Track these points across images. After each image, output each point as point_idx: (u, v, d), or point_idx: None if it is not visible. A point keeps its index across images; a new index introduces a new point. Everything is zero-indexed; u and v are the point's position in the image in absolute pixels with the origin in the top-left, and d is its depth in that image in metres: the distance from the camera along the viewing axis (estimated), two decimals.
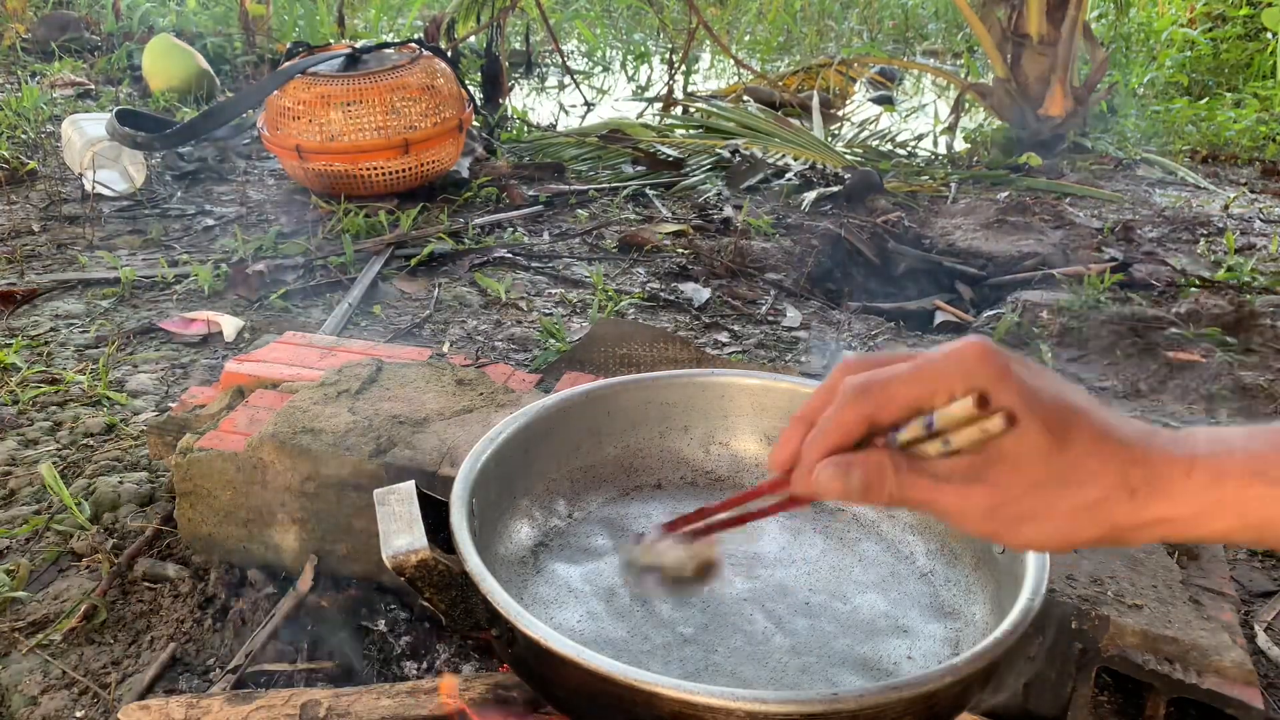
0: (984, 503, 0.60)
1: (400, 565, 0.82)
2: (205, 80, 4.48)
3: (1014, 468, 0.59)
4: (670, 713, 0.73)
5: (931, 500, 0.62)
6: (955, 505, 0.61)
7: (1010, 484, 0.59)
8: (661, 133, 4.17)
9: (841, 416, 0.63)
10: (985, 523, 0.61)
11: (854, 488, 0.63)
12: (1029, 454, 0.59)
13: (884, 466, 0.62)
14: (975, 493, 0.60)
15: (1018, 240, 3.08)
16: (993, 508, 0.60)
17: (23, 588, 1.44)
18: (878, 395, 0.62)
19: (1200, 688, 1.05)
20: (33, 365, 2.13)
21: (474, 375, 1.52)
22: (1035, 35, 4.19)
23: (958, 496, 0.61)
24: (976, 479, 0.60)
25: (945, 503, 0.61)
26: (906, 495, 0.62)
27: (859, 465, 0.63)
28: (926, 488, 0.62)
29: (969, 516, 0.61)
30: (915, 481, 0.62)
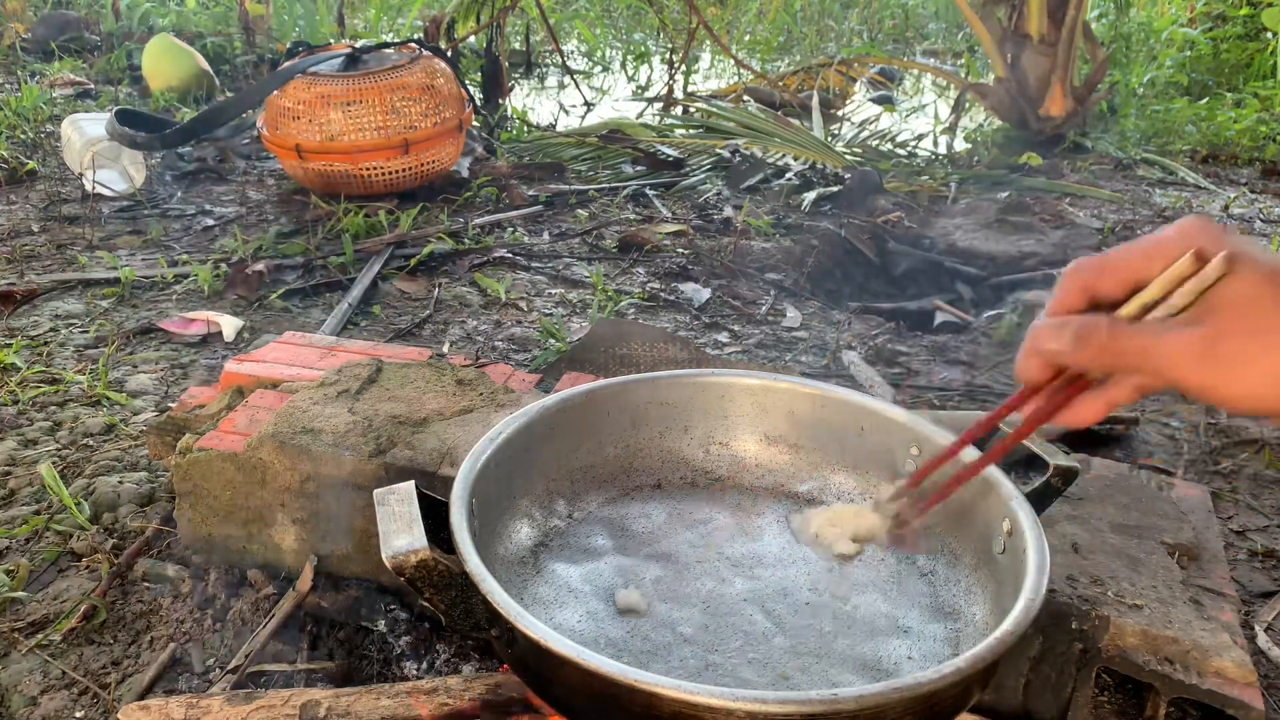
0: (1200, 345, 0.58)
1: (400, 565, 0.82)
2: (205, 80, 4.48)
3: (1233, 311, 0.57)
4: (670, 713, 0.73)
5: (1145, 348, 0.60)
6: (1170, 349, 0.59)
7: (1229, 326, 0.57)
8: (661, 133, 4.17)
9: (1061, 288, 0.65)
10: (1200, 367, 0.58)
11: (1066, 338, 0.63)
12: (1248, 297, 0.57)
13: (1099, 320, 0.62)
14: (1191, 335, 0.58)
15: (1018, 240, 3.08)
16: (1209, 349, 0.58)
17: (23, 588, 1.44)
18: (1095, 265, 0.64)
19: (1200, 688, 1.05)
20: (33, 365, 2.13)
21: (474, 375, 1.52)
22: (1035, 35, 4.19)
23: (1173, 341, 0.59)
24: (1194, 324, 0.59)
25: (1159, 349, 0.59)
26: (1120, 345, 0.61)
27: (1073, 320, 0.63)
28: (1141, 336, 0.60)
29: (1184, 362, 0.58)
30: (1130, 332, 0.61)
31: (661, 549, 1.06)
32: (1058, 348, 0.64)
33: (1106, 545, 1.20)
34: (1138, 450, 1.92)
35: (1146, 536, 1.23)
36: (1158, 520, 1.27)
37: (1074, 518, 1.25)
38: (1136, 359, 0.61)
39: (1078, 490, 1.30)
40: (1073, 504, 1.28)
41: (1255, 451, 1.95)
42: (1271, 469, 1.89)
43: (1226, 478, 1.86)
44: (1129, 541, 1.22)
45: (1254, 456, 1.93)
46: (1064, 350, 0.63)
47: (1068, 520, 1.25)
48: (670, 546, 1.06)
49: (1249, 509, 1.77)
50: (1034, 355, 0.66)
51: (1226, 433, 2.00)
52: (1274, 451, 1.93)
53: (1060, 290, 0.65)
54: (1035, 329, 0.66)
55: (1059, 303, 0.65)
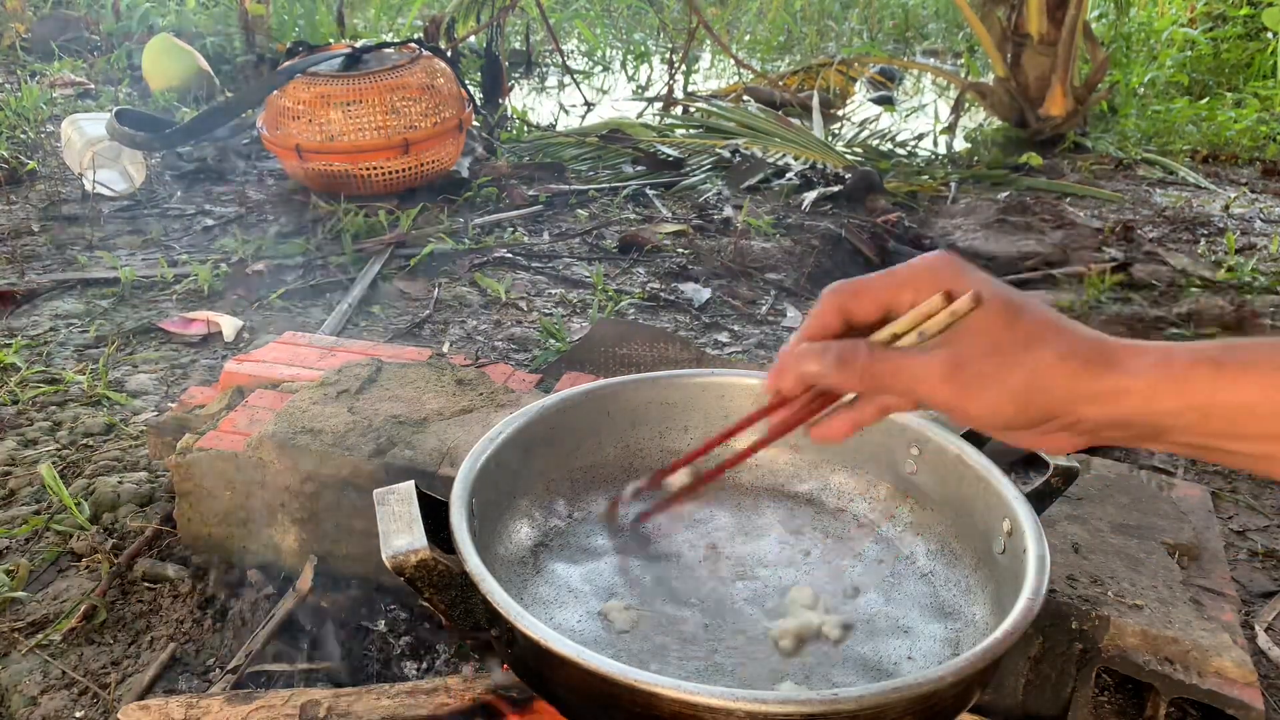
0: (944, 366, 0.64)
1: (400, 565, 0.82)
2: (205, 80, 4.48)
3: (974, 335, 0.64)
4: (670, 713, 0.73)
5: (898, 369, 0.66)
6: (920, 371, 0.65)
7: (970, 348, 0.63)
8: (661, 133, 4.17)
9: (817, 310, 0.70)
10: (945, 385, 0.64)
11: (828, 361, 0.68)
12: (989, 323, 0.63)
13: (858, 346, 0.68)
14: (939, 357, 0.64)
15: (1018, 240, 3.08)
16: (952, 369, 0.63)
17: (22, 588, 1.44)
18: (849, 290, 0.69)
19: (1200, 688, 1.05)
20: (32, 365, 2.13)
21: (474, 375, 1.52)
22: (1035, 35, 4.19)
23: (923, 364, 0.65)
24: (940, 347, 0.65)
25: (911, 370, 0.65)
26: (876, 368, 0.66)
27: (833, 344, 0.69)
28: (896, 359, 0.66)
29: (930, 380, 0.64)
30: (886, 356, 0.67)
31: (661, 549, 1.06)
32: (819, 370, 0.68)
33: (1106, 545, 1.20)
34: (1138, 450, 1.92)
35: (1146, 536, 1.23)
36: (1158, 520, 1.27)
37: (1074, 518, 1.25)
38: (891, 380, 0.66)
39: (1078, 490, 1.30)
40: (1073, 504, 1.28)
41: None
42: None
43: (1226, 478, 1.86)
44: (1129, 541, 1.22)
45: None
46: (825, 372, 0.68)
47: (1068, 520, 1.25)
48: (670, 546, 1.06)
49: (1249, 509, 1.77)
50: (791, 373, 0.71)
51: None
52: None
53: (818, 311, 0.70)
54: (794, 350, 0.70)
55: (817, 323, 0.70)
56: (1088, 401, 0.62)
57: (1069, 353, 0.62)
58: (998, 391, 0.63)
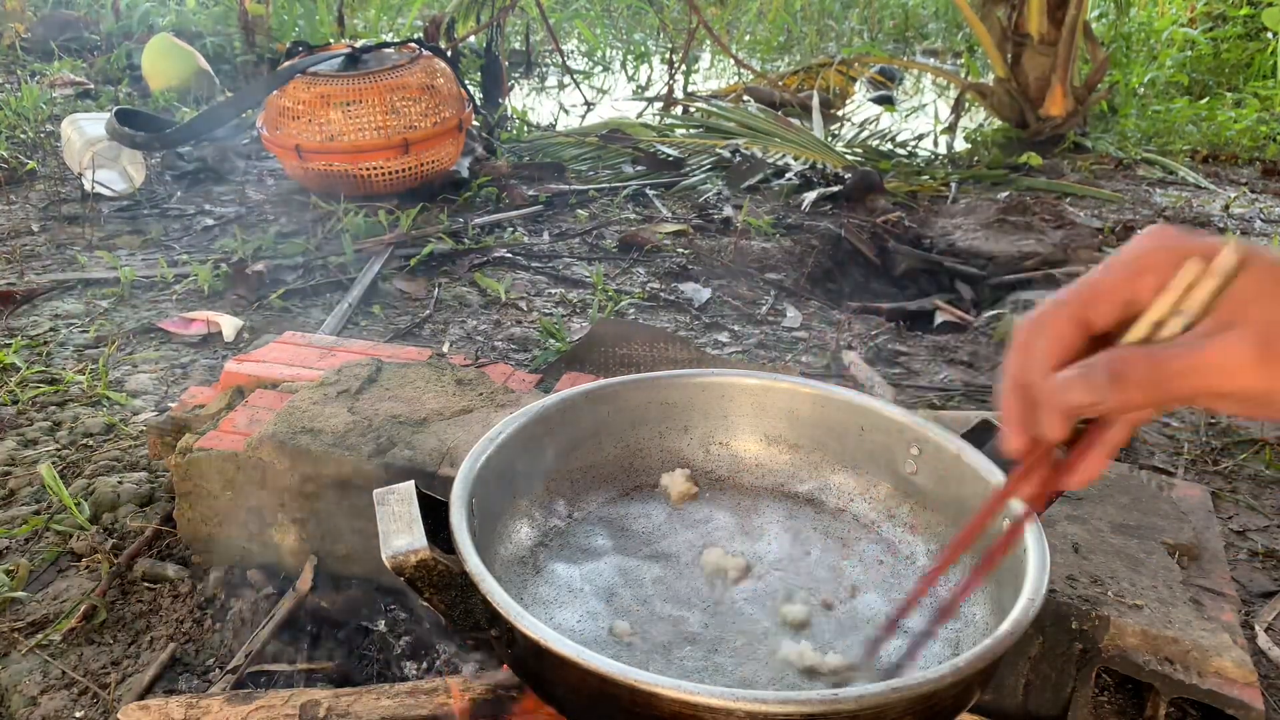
0: (1250, 346, 0.52)
1: (400, 565, 0.82)
2: (205, 80, 4.48)
3: (1262, 300, 0.52)
4: (670, 713, 0.73)
5: (1193, 366, 0.53)
6: (1221, 360, 0.52)
7: (1269, 315, 0.52)
8: (661, 133, 4.17)
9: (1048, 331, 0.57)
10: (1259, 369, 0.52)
11: (1100, 382, 0.55)
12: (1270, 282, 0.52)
13: (1127, 355, 0.55)
14: (1236, 338, 0.52)
15: (1018, 240, 3.08)
16: (1262, 347, 0.52)
17: (22, 588, 1.44)
18: (1082, 295, 0.57)
19: (1200, 688, 1.05)
20: (32, 365, 2.13)
21: (474, 375, 1.52)
22: (1035, 35, 4.19)
23: (1220, 350, 0.52)
24: (1230, 325, 0.53)
25: (1209, 362, 0.52)
26: (1164, 371, 0.53)
27: (1098, 361, 0.56)
28: (1184, 354, 0.53)
29: (1241, 369, 0.52)
30: (1172, 355, 0.54)
31: (661, 549, 1.06)
32: (1092, 398, 0.56)
33: (1106, 545, 1.20)
34: (1138, 450, 1.92)
35: (1146, 536, 1.23)
36: (1158, 520, 1.27)
37: (1074, 518, 1.25)
38: (1185, 382, 0.54)
39: (1077, 490, 1.30)
40: (1073, 504, 1.28)
41: (1255, 451, 1.95)
42: (1271, 469, 1.89)
43: (1226, 478, 1.86)
44: (1129, 541, 1.22)
45: (1254, 456, 1.93)
46: (1101, 398, 0.55)
47: (1068, 520, 1.25)
48: (670, 546, 1.06)
49: (1249, 509, 1.77)
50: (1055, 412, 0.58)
51: (1226, 433, 2.00)
52: (1274, 451, 1.93)
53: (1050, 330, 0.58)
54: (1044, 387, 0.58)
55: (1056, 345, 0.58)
56: None
57: None
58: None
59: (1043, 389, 0.58)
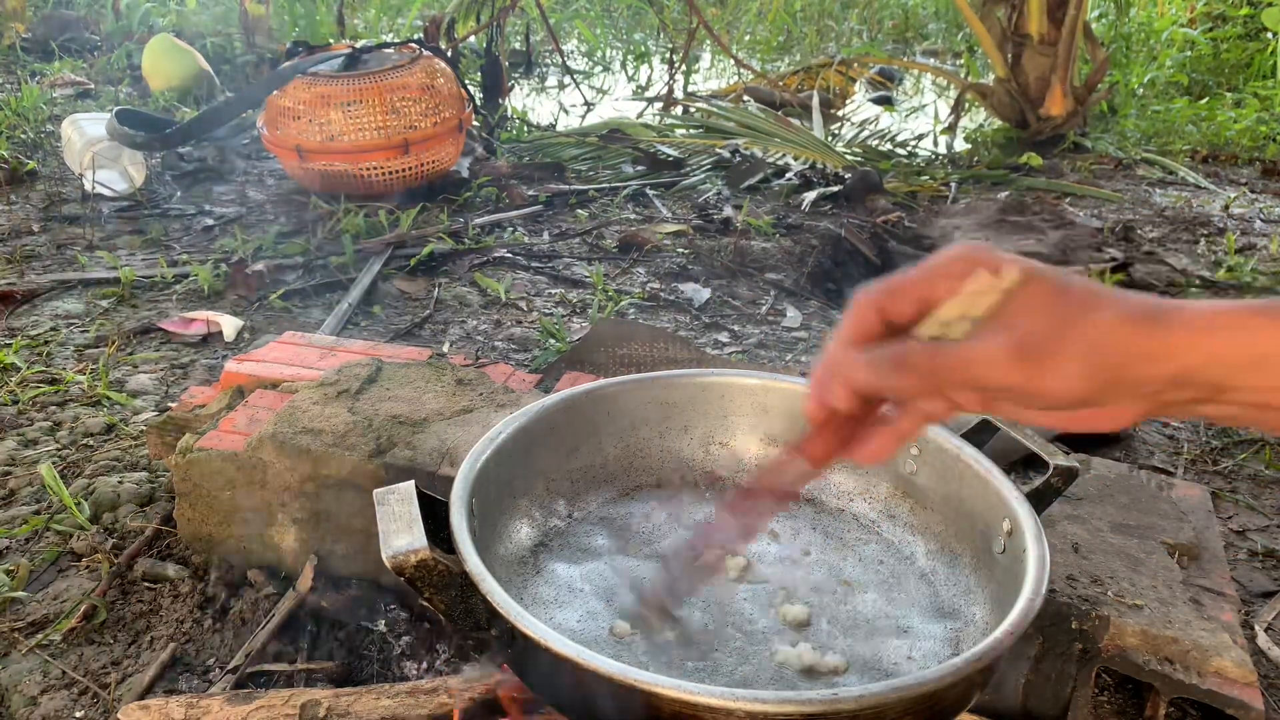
0: (1011, 346, 0.60)
1: (400, 565, 0.82)
2: (205, 80, 4.48)
3: (1030, 311, 0.60)
4: (670, 713, 0.73)
5: (962, 360, 0.61)
6: (988, 356, 0.61)
7: (1030, 322, 0.60)
8: (661, 133, 4.17)
9: (852, 315, 0.65)
10: (1015, 367, 0.60)
11: (883, 367, 0.63)
12: (1042, 296, 0.60)
13: (911, 345, 0.63)
14: (1001, 339, 0.60)
15: (1018, 240, 3.08)
16: (1019, 348, 0.60)
17: (23, 588, 1.44)
18: (884, 290, 0.64)
19: (1200, 688, 1.05)
20: (33, 365, 2.13)
21: (474, 375, 1.52)
22: (1035, 35, 4.19)
23: (988, 348, 0.61)
24: (999, 329, 0.61)
25: (978, 358, 0.61)
26: (940, 363, 0.62)
27: (884, 348, 0.63)
28: (959, 350, 0.61)
29: (1000, 363, 0.60)
30: (948, 350, 0.62)
31: (661, 549, 1.06)
32: (873, 378, 0.64)
33: (1106, 545, 1.20)
34: (1138, 450, 1.92)
35: (1146, 536, 1.23)
36: (1158, 520, 1.27)
37: (1074, 518, 1.25)
38: (956, 373, 0.62)
39: (1078, 490, 1.30)
40: (1073, 504, 1.28)
41: (1255, 451, 1.95)
42: (1271, 469, 1.89)
43: (1226, 478, 1.86)
44: (1129, 541, 1.22)
45: (1254, 456, 1.93)
46: (881, 379, 0.63)
47: (1068, 520, 1.25)
48: (670, 546, 1.06)
49: (1249, 509, 1.77)
50: (841, 385, 0.66)
51: (1226, 433, 2.00)
52: (1274, 451, 1.93)
53: (853, 317, 0.65)
54: (840, 360, 0.65)
55: (854, 329, 0.65)
56: (1147, 359, 0.59)
57: (1125, 312, 0.60)
58: (1066, 362, 0.60)
59: (837, 363, 0.66)
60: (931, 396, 0.66)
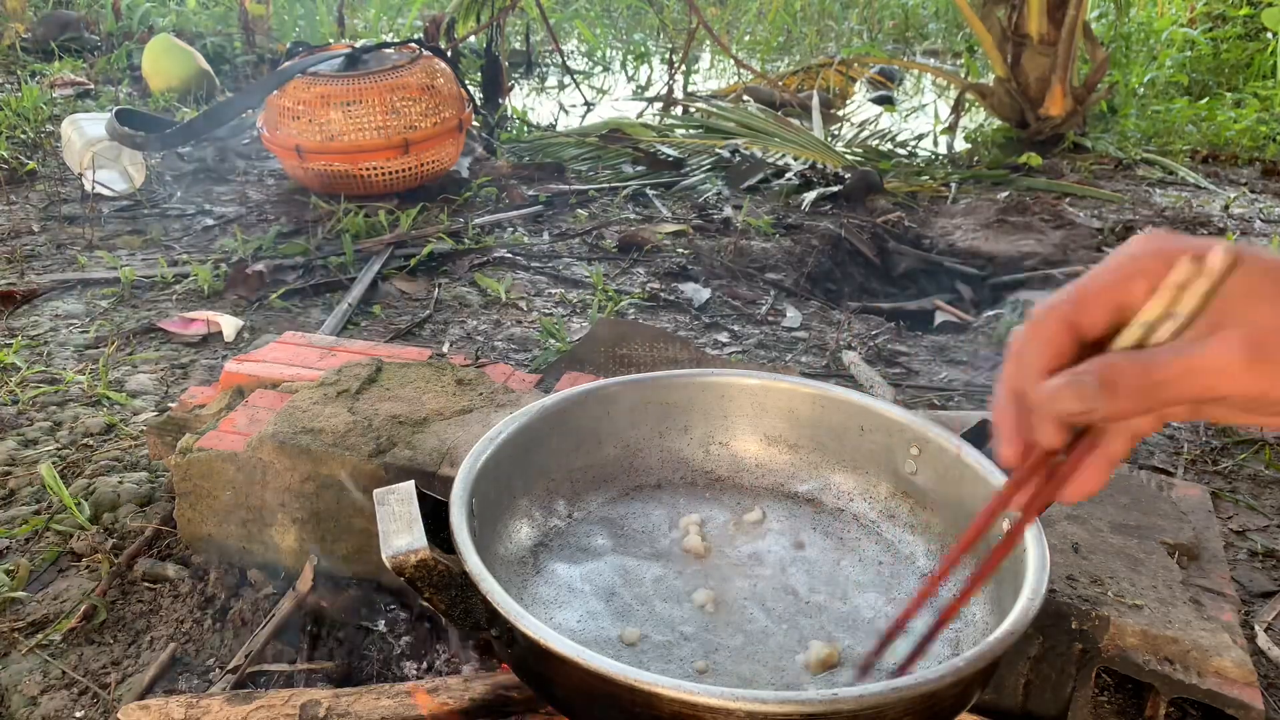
0: (1243, 347, 0.51)
1: (400, 565, 0.82)
2: (205, 80, 4.48)
3: (1255, 302, 0.51)
4: (670, 713, 0.73)
5: (1184, 372, 0.52)
6: (1214, 363, 0.51)
7: (1261, 316, 0.51)
8: (661, 133, 4.17)
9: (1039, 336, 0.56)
10: (1251, 371, 0.51)
11: (1090, 390, 0.54)
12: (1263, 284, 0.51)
13: (1117, 360, 0.54)
14: (1231, 339, 0.51)
15: (1018, 240, 3.08)
16: (1253, 348, 0.51)
17: (23, 588, 1.44)
18: (1072, 300, 0.56)
19: (1200, 688, 1.05)
20: (33, 365, 2.13)
21: (474, 375, 1.52)
22: (1035, 35, 4.19)
23: (1213, 353, 0.51)
24: (1221, 327, 0.52)
25: (1203, 366, 0.52)
26: (1158, 377, 0.53)
27: (1088, 368, 0.55)
28: (1177, 359, 0.52)
29: (1231, 372, 0.51)
30: (1164, 361, 0.53)
31: (661, 549, 1.06)
32: (1084, 405, 0.54)
33: (1106, 545, 1.20)
34: (1138, 450, 1.92)
35: (1146, 536, 1.23)
36: (1158, 520, 1.27)
37: (1074, 518, 1.25)
38: (1177, 387, 0.53)
39: (1073, 503, 1.30)
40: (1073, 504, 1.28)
41: (1255, 451, 1.95)
42: (1271, 469, 1.89)
43: (1226, 478, 1.86)
44: (1129, 541, 1.22)
45: (1254, 456, 1.93)
46: (1093, 406, 0.54)
47: (1068, 520, 1.25)
48: (670, 546, 1.06)
49: (1249, 509, 1.77)
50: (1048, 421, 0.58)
51: (1226, 433, 2.00)
52: (1274, 451, 1.93)
53: (1039, 336, 0.57)
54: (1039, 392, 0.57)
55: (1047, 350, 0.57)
56: None
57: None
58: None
59: (1035, 397, 0.57)
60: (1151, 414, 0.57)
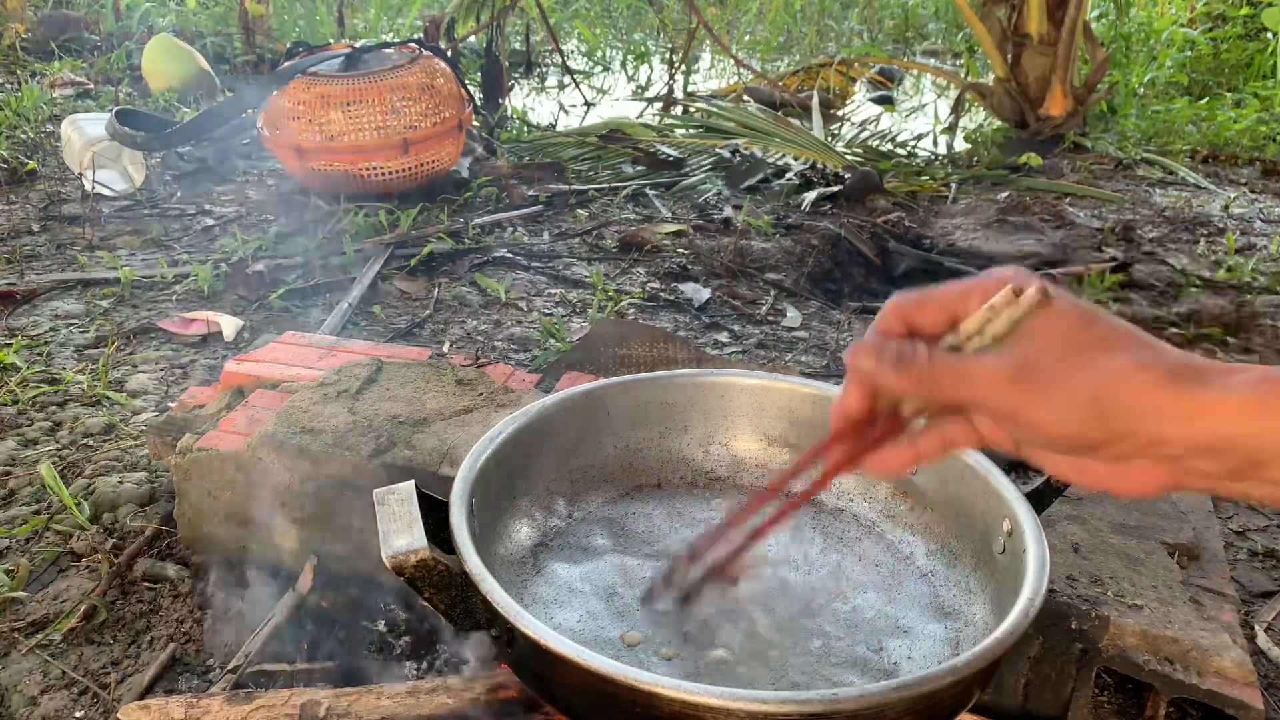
0: (1010, 367, 0.59)
1: (400, 565, 0.82)
2: (205, 80, 4.48)
3: (1045, 337, 0.59)
4: (670, 713, 0.73)
5: (958, 371, 0.61)
6: (982, 374, 0.60)
7: (1037, 351, 0.58)
8: (661, 133, 4.17)
9: (881, 319, 0.65)
10: (1009, 388, 0.59)
11: (886, 359, 0.63)
12: (1062, 326, 0.58)
13: (918, 346, 0.62)
14: (1003, 359, 0.59)
15: (1018, 240, 3.08)
16: (1018, 370, 0.58)
17: (23, 588, 1.44)
18: (915, 299, 0.64)
19: (1200, 688, 1.05)
20: (32, 365, 2.13)
21: (474, 375, 1.52)
22: (1035, 35, 4.19)
23: (985, 366, 0.60)
24: (1007, 350, 0.60)
25: (973, 373, 0.60)
26: (936, 370, 0.61)
27: (892, 342, 0.64)
28: (956, 362, 0.61)
29: (994, 382, 0.59)
30: (947, 360, 0.61)
31: (661, 549, 1.06)
32: (874, 368, 0.63)
33: (1106, 545, 1.20)
34: None
35: (1146, 536, 1.23)
36: (1158, 520, 1.27)
37: (1074, 518, 1.25)
38: (951, 383, 0.61)
39: (1078, 490, 1.30)
40: (1073, 504, 1.28)
41: None
42: None
43: None
44: (1129, 541, 1.22)
45: None
46: (883, 370, 0.63)
47: (1068, 520, 1.25)
48: (670, 546, 1.06)
49: (1249, 509, 1.77)
50: (853, 381, 0.67)
51: None
52: None
53: (881, 322, 0.66)
54: (854, 346, 0.66)
55: (880, 330, 0.66)
56: (1171, 419, 0.55)
57: (1150, 362, 0.56)
58: (1065, 396, 0.57)
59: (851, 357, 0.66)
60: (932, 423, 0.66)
